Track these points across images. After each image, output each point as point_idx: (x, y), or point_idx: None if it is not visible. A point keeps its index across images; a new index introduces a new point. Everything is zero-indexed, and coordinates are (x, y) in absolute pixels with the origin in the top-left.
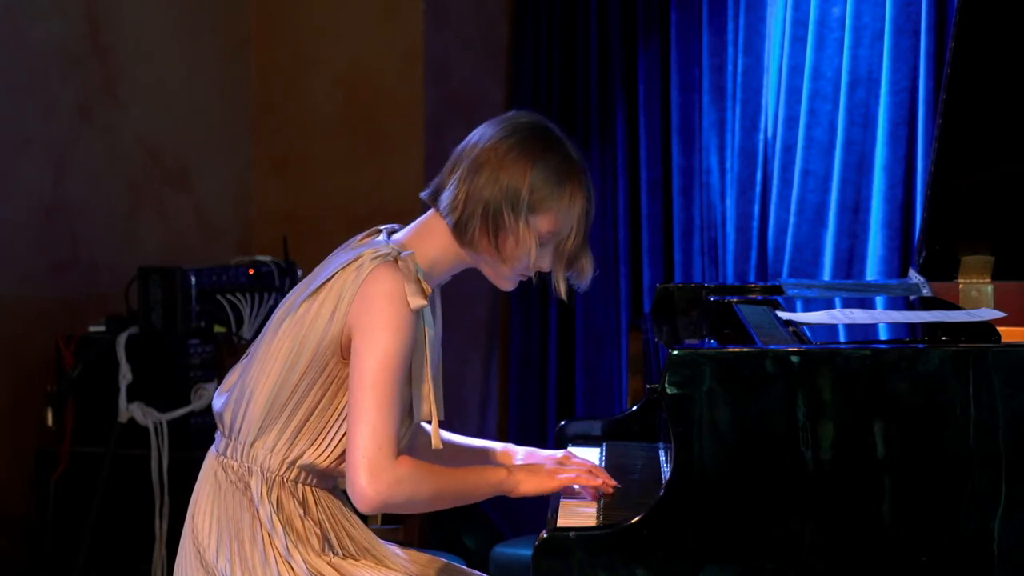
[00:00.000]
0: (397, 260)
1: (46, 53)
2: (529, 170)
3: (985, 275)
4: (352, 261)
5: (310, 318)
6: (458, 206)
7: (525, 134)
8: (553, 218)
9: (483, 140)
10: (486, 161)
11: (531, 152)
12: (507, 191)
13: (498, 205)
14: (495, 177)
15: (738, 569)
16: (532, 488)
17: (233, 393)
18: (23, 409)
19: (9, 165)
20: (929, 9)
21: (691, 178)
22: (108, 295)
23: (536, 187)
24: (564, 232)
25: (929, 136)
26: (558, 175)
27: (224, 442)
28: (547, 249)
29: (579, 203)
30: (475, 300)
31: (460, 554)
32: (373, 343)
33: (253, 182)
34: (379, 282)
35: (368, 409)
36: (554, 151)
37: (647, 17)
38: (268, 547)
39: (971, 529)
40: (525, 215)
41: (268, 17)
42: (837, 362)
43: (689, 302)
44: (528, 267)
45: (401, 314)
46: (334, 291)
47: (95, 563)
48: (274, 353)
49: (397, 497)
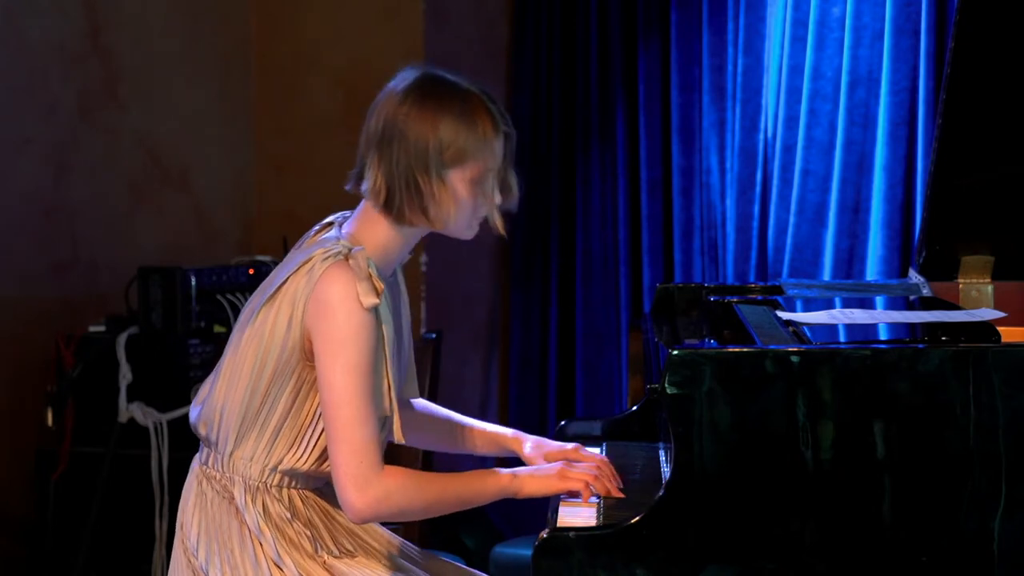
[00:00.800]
0: (348, 258)
1: (46, 53)
2: (435, 129)
3: (985, 275)
4: (303, 264)
5: (269, 327)
6: (380, 189)
7: (417, 94)
8: (477, 161)
9: (381, 115)
10: (390, 136)
11: (430, 109)
12: (421, 157)
13: (417, 174)
14: (404, 148)
15: (738, 569)
16: (537, 489)
17: (205, 406)
18: (23, 409)
19: (9, 165)
20: (929, 9)
21: (691, 178)
22: (108, 295)
23: (448, 141)
24: (493, 166)
25: (929, 136)
26: (463, 119)
27: (205, 453)
28: (485, 188)
29: (494, 133)
30: (475, 300)
31: (460, 554)
32: (335, 356)
33: (253, 182)
34: (331, 284)
35: (343, 426)
36: (451, 97)
37: (647, 17)
38: (259, 553)
39: (971, 529)
40: (448, 173)
41: (268, 17)
42: (837, 362)
43: (689, 302)
44: (473, 214)
45: (357, 319)
46: (288, 297)
47: (95, 563)
48: (239, 365)
49: (387, 509)
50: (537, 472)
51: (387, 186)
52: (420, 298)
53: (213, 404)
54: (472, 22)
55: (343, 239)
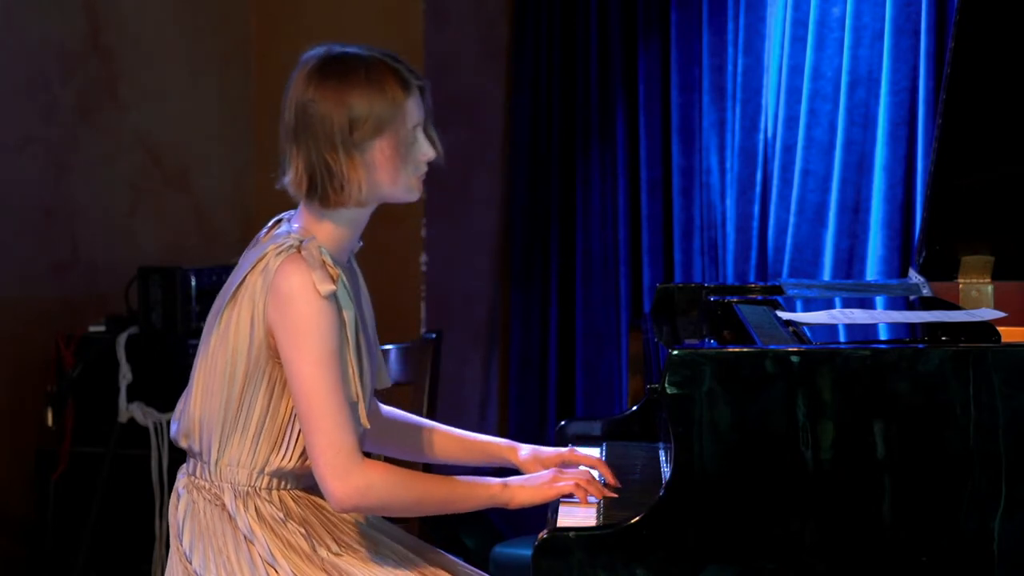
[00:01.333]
0: (300, 250)
1: (46, 53)
2: (344, 106)
3: (985, 275)
4: (258, 261)
5: (233, 329)
6: (301, 180)
7: (319, 76)
8: (396, 126)
9: (291, 105)
10: (304, 124)
11: (335, 88)
12: (336, 139)
13: (335, 156)
14: (318, 133)
15: (738, 569)
16: (529, 499)
17: (184, 419)
18: (23, 409)
19: (9, 165)
20: (929, 9)
21: (691, 178)
22: (108, 295)
23: (362, 116)
24: (417, 123)
25: (929, 136)
26: (372, 88)
27: (192, 463)
28: (414, 147)
29: (405, 94)
30: (475, 300)
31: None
32: (299, 349)
33: (253, 182)
34: (286, 278)
35: (316, 417)
36: (354, 70)
37: (647, 17)
38: (254, 554)
39: (971, 529)
40: (369, 145)
41: (268, 17)
42: (837, 362)
43: (689, 302)
44: (407, 173)
45: (317, 307)
46: (247, 296)
47: (95, 563)
48: (210, 372)
49: (370, 500)
50: (528, 482)
51: (308, 175)
52: (420, 298)
53: (191, 415)
54: (472, 22)
55: (294, 232)
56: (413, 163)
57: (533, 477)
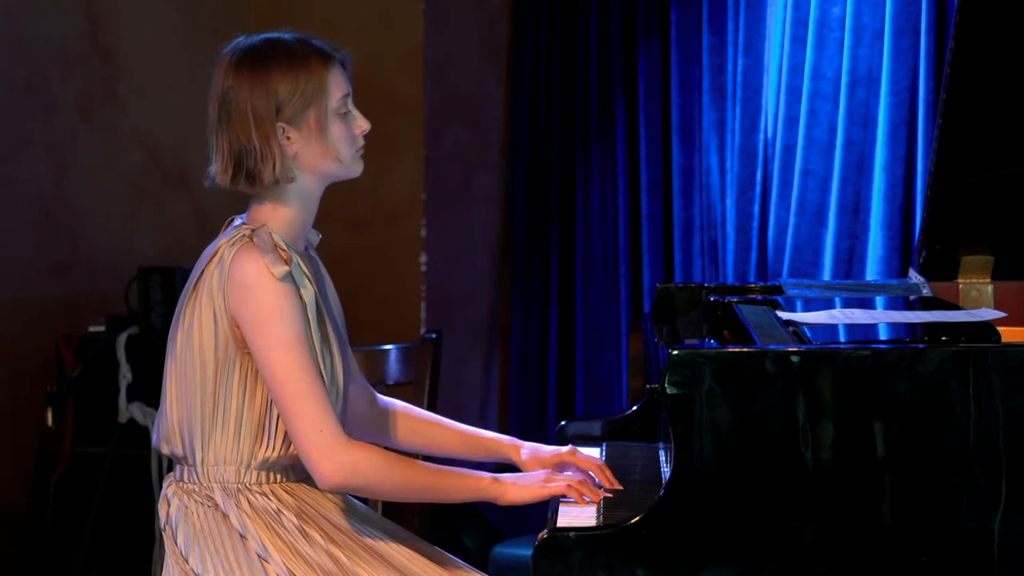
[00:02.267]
0: (252, 238)
1: (46, 53)
2: (268, 85)
3: (985, 275)
4: (213, 256)
5: (196, 326)
6: (227, 165)
7: (236, 65)
8: (321, 100)
9: (213, 100)
10: (227, 111)
11: (258, 70)
12: (265, 121)
13: (268, 139)
14: (241, 115)
15: (738, 569)
16: (519, 496)
17: (162, 426)
18: (23, 409)
19: (9, 165)
20: (929, 9)
21: (691, 178)
22: (108, 295)
23: (287, 95)
24: (343, 93)
25: (929, 136)
26: (292, 65)
27: (179, 469)
28: (348, 118)
29: (324, 65)
30: (475, 300)
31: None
32: (265, 335)
33: None
34: (241, 266)
35: (293, 401)
36: (272, 51)
37: (647, 17)
38: (249, 550)
39: (971, 529)
40: (298, 121)
41: (268, 17)
42: (837, 362)
43: (689, 302)
44: (344, 146)
45: (275, 291)
46: (206, 292)
47: (95, 563)
48: (181, 374)
49: (357, 477)
50: (521, 480)
51: (234, 160)
52: (420, 298)
53: (170, 420)
54: (472, 22)
55: (245, 223)
56: (348, 136)
57: (526, 476)
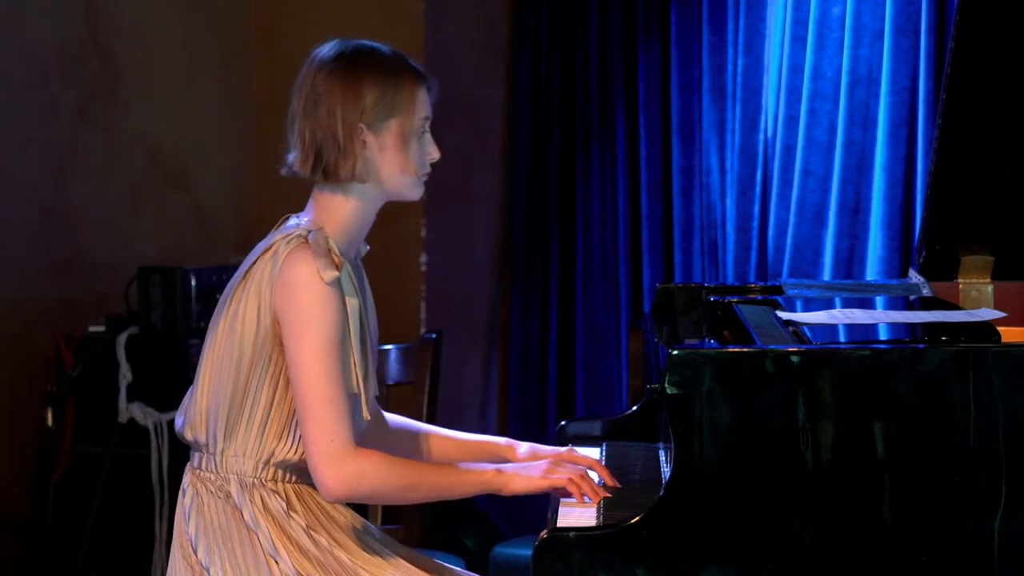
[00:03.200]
0: (307, 240)
1: (46, 53)
2: (359, 85)
3: (985, 275)
4: (266, 250)
5: (240, 316)
6: (308, 154)
7: (331, 64)
8: (404, 118)
9: (302, 91)
10: (314, 101)
11: (352, 69)
12: (348, 119)
13: (347, 136)
14: (331, 113)
15: (738, 569)
16: (521, 486)
17: (189, 411)
18: (23, 409)
19: (9, 165)
20: (929, 9)
21: (691, 178)
22: (108, 295)
23: (373, 101)
24: (424, 116)
25: (929, 136)
26: (387, 73)
27: (197, 457)
28: (424, 139)
29: (418, 84)
30: (475, 300)
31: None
32: (302, 335)
33: (253, 182)
34: (293, 265)
35: (312, 404)
36: (370, 56)
37: (647, 17)
38: (256, 546)
39: (971, 529)
40: (378, 129)
41: (268, 17)
42: (837, 362)
43: (689, 302)
44: (412, 167)
45: (321, 294)
46: (255, 285)
47: (95, 563)
48: (217, 361)
49: (361, 488)
50: (523, 470)
51: (315, 149)
52: (420, 298)
53: (198, 406)
54: (472, 22)
55: (303, 224)
56: (420, 157)
57: (528, 466)
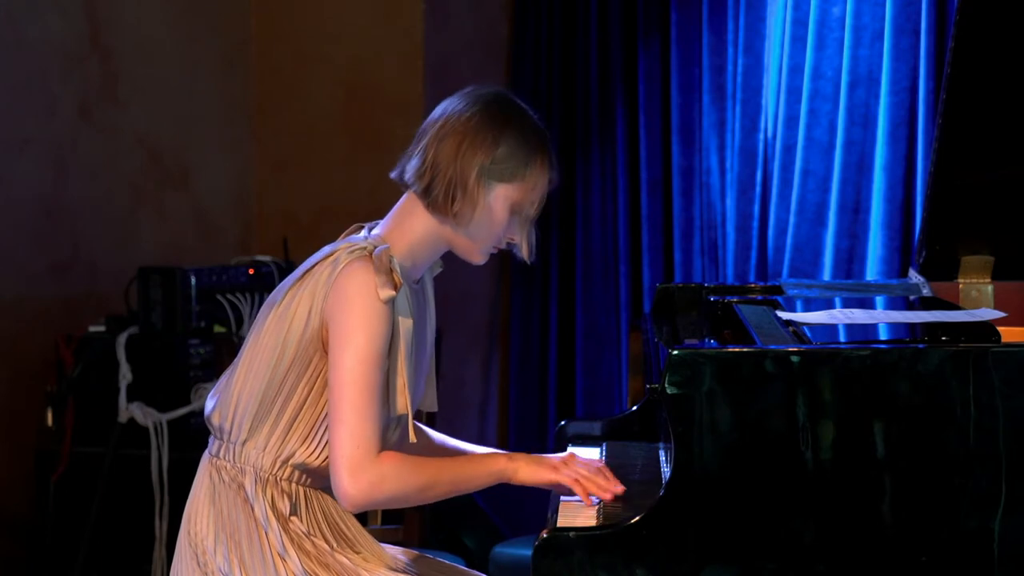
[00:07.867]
0: (371, 255)
1: (46, 53)
2: (497, 140)
3: (985, 275)
4: (329, 255)
5: (291, 313)
6: (425, 172)
7: (490, 106)
8: (521, 188)
9: (447, 112)
10: (452, 131)
11: (498, 123)
12: (474, 160)
13: (465, 173)
14: (461, 146)
15: (738, 569)
16: (530, 476)
17: (222, 395)
18: (23, 409)
19: (9, 165)
20: (929, 9)
21: (691, 178)
22: (108, 295)
23: (503, 157)
24: (534, 199)
25: (929, 136)
26: (526, 146)
27: (216, 444)
28: (516, 219)
29: (545, 174)
30: (475, 300)
31: (460, 554)
32: (347, 341)
33: (253, 182)
34: (351, 277)
35: (345, 409)
36: (520, 122)
37: (647, 17)
38: (264, 544)
39: (971, 529)
40: (493, 185)
41: (268, 17)
42: (837, 362)
43: (689, 302)
44: (499, 237)
45: (373, 309)
46: (311, 285)
47: (95, 563)
48: (260, 351)
49: (380, 495)
50: (534, 460)
51: (432, 173)
52: None
53: (231, 392)
54: (472, 22)
55: (371, 238)
56: (504, 229)
57: (541, 457)
